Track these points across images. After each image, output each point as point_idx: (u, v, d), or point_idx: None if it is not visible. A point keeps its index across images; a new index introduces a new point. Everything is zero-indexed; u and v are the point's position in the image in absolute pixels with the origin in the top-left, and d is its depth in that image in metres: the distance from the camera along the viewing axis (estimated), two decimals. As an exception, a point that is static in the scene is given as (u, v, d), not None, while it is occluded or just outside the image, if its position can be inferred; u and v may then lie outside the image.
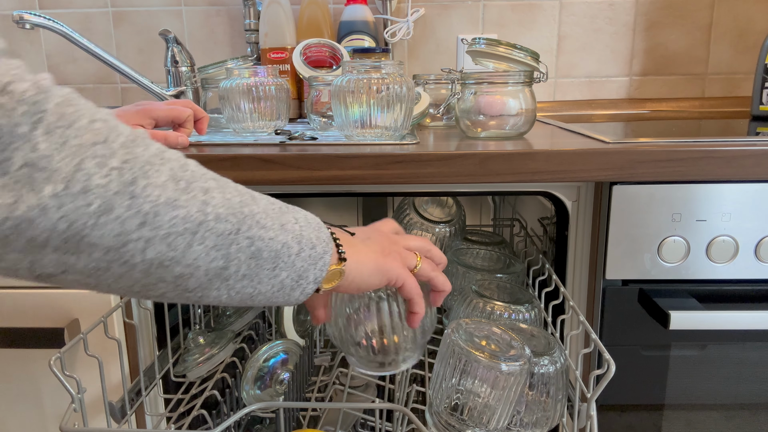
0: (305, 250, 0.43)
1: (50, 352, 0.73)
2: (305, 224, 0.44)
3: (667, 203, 0.69)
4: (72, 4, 1.28)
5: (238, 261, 0.39)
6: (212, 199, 0.37)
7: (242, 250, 0.39)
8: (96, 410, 0.76)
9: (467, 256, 0.96)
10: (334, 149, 0.70)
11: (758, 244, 0.70)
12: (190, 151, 0.71)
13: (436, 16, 1.26)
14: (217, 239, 0.37)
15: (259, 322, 1.07)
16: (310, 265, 0.44)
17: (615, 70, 1.29)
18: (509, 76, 0.79)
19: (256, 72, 0.85)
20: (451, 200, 1.02)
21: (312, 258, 0.44)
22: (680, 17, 1.25)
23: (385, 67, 0.76)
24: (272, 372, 0.87)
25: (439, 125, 1.01)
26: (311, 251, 0.43)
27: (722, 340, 0.74)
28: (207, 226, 0.37)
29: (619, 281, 0.74)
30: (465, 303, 0.75)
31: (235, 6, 1.27)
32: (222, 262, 0.38)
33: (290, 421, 0.75)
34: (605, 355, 0.53)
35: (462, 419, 0.57)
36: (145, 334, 0.80)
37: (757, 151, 0.66)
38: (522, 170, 0.67)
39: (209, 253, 0.37)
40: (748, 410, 0.77)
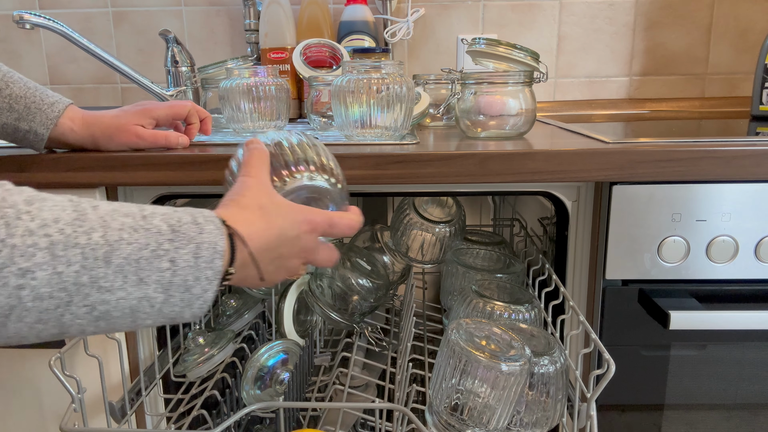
0: (175, 295, 0.40)
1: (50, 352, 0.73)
2: (185, 266, 0.40)
3: (667, 203, 0.69)
4: (72, 4, 1.28)
5: (79, 325, 0.37)
6: (31, 281, 0.34)
7: (81, 317, 0.37)
8: (96, 410, 0.76)
9: (467, 256, 0.96)
10: (334, 149, 0.70)
11: (758, 244, 0.70)
12: (194, 151, 0.71)
13: (436, 16, 1.26)
14: (40, 315, 0.35)
15: (259, 322, 1.07)
16: (185, 306, 0.41)
17: (615, 70, 1.29)
18: (509, 76, 0.79)
19: (256, 72, 0.85)
20: (451, 200, 1.02)
21: (186, 300, 0.41)
22: (680, 17, 1.25)
23: (385, 67, 0.76)
24: (272, 372, 0.87)
25: (439, 125, 1.01)
26: (184, 294, 0.40)
27: (722, 340, 0.74)
28: (22, 307, 0.35)
29: (619, 281, 0.74)
30: (465, 303, 0.75)
31: (235, 6, 1.27)
32: (56, 330, 0.37)
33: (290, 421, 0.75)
34: (605, 355, 0.53)
35: (462, 419, 0.57)
36: (145, 334, 0.80)
37: (757, 151, 0.66)
38: (522, 170, 0.67)
39: (33, 326, 0.36)
40: (748, 410, 0.77)
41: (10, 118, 0.66)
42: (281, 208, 0.48)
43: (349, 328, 0.98)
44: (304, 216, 0.49)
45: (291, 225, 0.48)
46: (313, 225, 0.50)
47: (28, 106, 0.66)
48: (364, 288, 0.95)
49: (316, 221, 0.50)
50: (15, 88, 0.66)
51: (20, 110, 0.66)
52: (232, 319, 1.02)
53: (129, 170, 0.69)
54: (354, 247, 1.02)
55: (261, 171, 0.50)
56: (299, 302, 1.01)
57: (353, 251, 0.99)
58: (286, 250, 0.48)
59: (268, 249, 0.47)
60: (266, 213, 0.47)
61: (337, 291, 0.94)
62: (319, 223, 0.50)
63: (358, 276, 0.94)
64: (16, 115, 0.66)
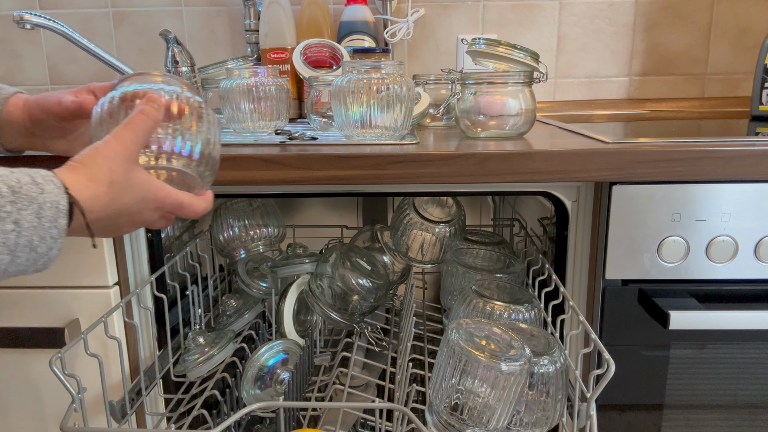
0: (21, 256, 0.42)
1: (50, 352, 0.73)
2: (29, 227, 0.42)
3: (666, 203, 0.70)
4: (72, 4, 1.28)
5: None
6: None
7: None
8: (96, 410, 0.76)
9: (467, 256, 0.96)
10: (334, 149, 0.70)
11: (758, 244, 0.70)
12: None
13: (436, 17, 1.26)
14: None
15: (259, 322, 1.07)
16: (30, 265, 0.43)
17: (615, 71, 1.29)
18: (509, 76, 0.79)
19: (257, 72, 0.85)
20: (451, 200, 1.02)
21: (32, 259, 0.43)
22: (680, 17, 1.25)
23: (385, 67, 0.76)
24: (272, 372, 0.87)
25: (439, 125, 1.01)
26: (30, 254, 0.42)
27: (722, 340, 0.74)
28: None
29: (618, 281, 0.74)
30: (465, 303, 0.75)
31: (236, 6, 1.27)
32: None
33: (290, 421, 0.75)
34: (605, 355, 0.53)
35: (462, 419, 0.57)
36: (145, 334, 0.80)
37: (757, 151, 0.66)
38: (522, 170, 0.68)
39: None
40: (748, 410, 0.77)
41: None
42: (133, 188, 0.49)
43: (349, 328, 0.99)
44: (154, 195, 0.51)
45: (137, 203, 0.50)
46: (161, 205, 0.52)
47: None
48: (364, 288, 0.95)
49: (165, 203, 0.52)
50: None
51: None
52: (232, 319, 1.02)
53: (129, 170, 0.69)
54: (354, 247, 1.02)
55: (135, 142, 0.49)
56: (299, 302, 1.01)
57: (353, 251, 0.99)
58: (125, 220, 0.50)
59: (105, 219, 0.48)
60: (115, 190, 0.48)
61: (337, 291, 0.94)
62: (167, 204, 0.52)
63: (358, 276, 0.94)
64: None
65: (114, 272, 0.76)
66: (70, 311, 0.75)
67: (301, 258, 1.02)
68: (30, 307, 0.75)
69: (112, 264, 0.75)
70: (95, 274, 0.74)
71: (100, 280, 0.74)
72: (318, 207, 1.36)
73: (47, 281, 0.74)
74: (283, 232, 1.09)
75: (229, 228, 1.03)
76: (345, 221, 1.34)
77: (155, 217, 0.53)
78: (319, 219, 1.36)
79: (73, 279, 0.74)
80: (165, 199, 0.52)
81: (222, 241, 1.04)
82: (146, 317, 0.80)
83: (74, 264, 0.73)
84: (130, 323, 0.78)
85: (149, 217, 0.52)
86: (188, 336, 0.88)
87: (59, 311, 0.75)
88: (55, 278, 0.74)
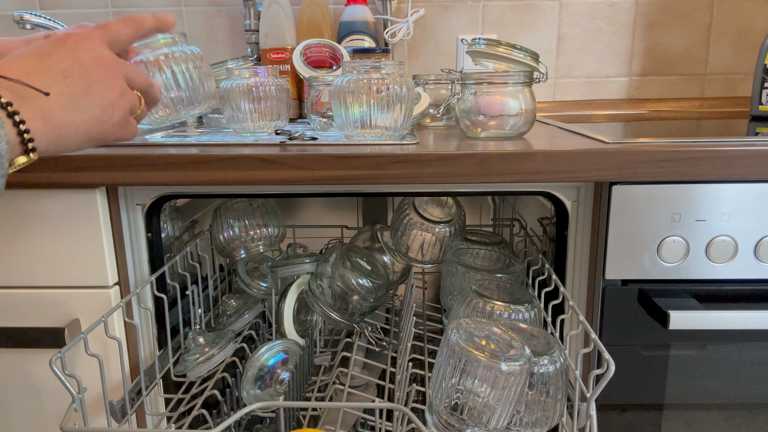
0: None
1: (50, 352, 0.73)
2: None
3: (666, 203, 0.70)
4: (72, 4, 1.28)
5: None
6: None
7: None
8: (96, 410, 0.77)
9: (467, 256, 0.96)
10: (334, 149, 0.70)
11: (757, 244, 0.70)
12: (194, 151, 0.71)
13: (436, 17, 1.27)
14: None
15: (259, 322, 1.07)
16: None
17: (614, 71, 1.29)
18: (509, 76, 0.79)
19: (257, 72, 0.85)
20: (451, 200, 1.02)
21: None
22: (680, 17, 1.25)
23: (385, 68, 0.76)
24: (272, 372, 0.87)
25: (439, 125, 1.01)
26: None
27: (722, 340, 0.75)
28: None
29: (618, 281, 0.74)
30: (465, 303, 0.75)
31: (236, 6, 1.27)
32: None
33: (290, 421, 0.75)
34: (605, 355, 0.53)
35: (462, 419, 0.57)
36: (145, 334, 0.80)
37: (757, 151, 0.66)
38: (522, 170, 0.68)
39: None
40: (748, 410, 0.77)
41: None
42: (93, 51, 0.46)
43: (349, 328, 0.99)
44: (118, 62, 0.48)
45: (94, 63, 0.46)
46: (127, 73, 0.50)
47: None
48: (364, 288, 0.95)
49: (133, 74, 0.50)
50: None
51: None
52: (232, 319, 1.03)
53: (129, 170, 0.69)
54: (354, 247, 1.02)
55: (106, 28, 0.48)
56: (299, 302, 1.01)
57: (353, 251, 0.99)
58: (77, 83, 0.46)
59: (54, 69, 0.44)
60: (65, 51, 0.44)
61: (337, 291, 0.94)
62: (136, 76, 0.51)
63: (358, 276, 0.94)
64: None
65: (114, 272, 0.76)
66: (70, 311, 0.75)
67: (301, 258, 1.02)
68: (30, 307, 0.75)
69: (112, 264, 0.75)
70: (95, 274, 0.74)
71: (100, 280, 0.74)
72: (318, 207, 1.36)
73: (47, 281, 0.74)
74: (283, 232, 1.09)
75: (229, 228, 1.03)
76: (345, 221, 1.34)
77: (117, 93, 0.48)
78: (319, 219, 1.36)
79: (73, 279, 0.74)
80: (133, 69, 0.49)
81: (222, 241, 1.04)
82: (146, 317, 0.80)
83: (74, 264, 0.73)
84: (130, 323, 0.78)
85: (112, 89, 0.47)
86: (188, 336, 0.88)
87: (59, 311, 0.75)
88: (55, 278, 0.74)
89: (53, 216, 0.72)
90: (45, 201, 0.71)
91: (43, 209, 0.72)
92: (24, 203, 0.72)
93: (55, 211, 0.72)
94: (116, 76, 0.48)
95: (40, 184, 0.70)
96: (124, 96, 0.49)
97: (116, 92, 0.48)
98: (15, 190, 0.71)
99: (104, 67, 0.47)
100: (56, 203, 0.71)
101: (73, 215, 0.72)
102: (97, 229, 0.72)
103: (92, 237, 0.73)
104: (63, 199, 0.71)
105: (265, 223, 1.05)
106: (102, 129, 0.47)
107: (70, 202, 0.71)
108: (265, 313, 1.09)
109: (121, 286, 0.77)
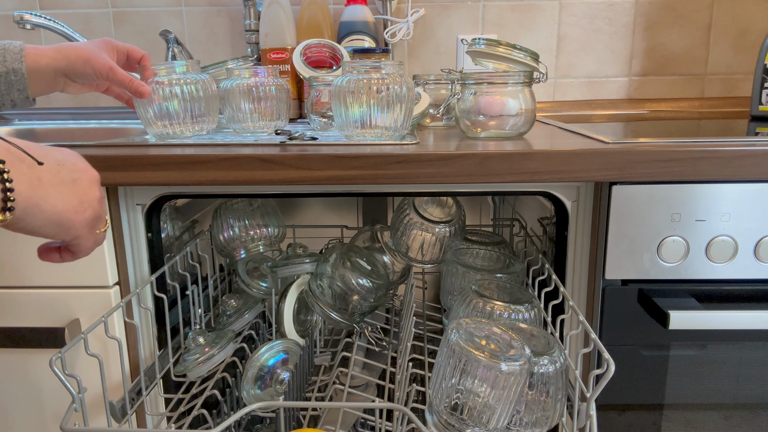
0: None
1: (50, 352, 0.73)
2: None
3: (666, 203, 0.70)
4: (72, 4, 1.28)
5: None
6: None
7: None
8: (96, 410, 0.77)
9: (467, 256, 0.96)
10: (334, 149, 0.70)
11: (757, 244, 0.70)
12: (194, 151, 0.71)
13: (436, 17, 1.27)
14: None
15: (259, 322, 1.07)
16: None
17: (614, 71, 1.29)
18: (509, 76, 0.79)
19: (257, 72, 0.85)
20: (451, 200, 1.02)
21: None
22: (680, 17, 1.25)
23: (385, 68, 0.76)
24: (272, 372, 0.87)
25: (439, 125, 1.01)
26: None
27: (721, 340, 0.75)
28: None
29: (618, 281, 0.74)
30: (465, 303, 0.75)
31: (236, 6, 1.27)
32: None
33: (290, 421, 0.75)
34: (605, 355, 0.53)
35: (462, 419, 0.57)
36: (145, 334, 0.80)
37: (757, 151, 0.66)
38: (521, 170, 0.68)
39: None
40: (748, 410, 0.77)
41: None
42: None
43: (349, 327, 0.99)
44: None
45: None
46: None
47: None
48: (364, 288, 0.95)
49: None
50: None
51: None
52: (232, 319, 1.03)
53: (129, 170, 0.69)
54: (354, 247, 1.02)
55: None
56: (299, 302, 1.01)
57: (353, 251, 0.99)
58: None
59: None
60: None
61: (337, 291, 0.94)
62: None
63: (358, 276, 0.94)
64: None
65: (114, 272, 0.76)
66: (70, 311, 0.75)
67: (301, 258, 1.02)
68: (30, 307, 0.75)
69: (113, 264, 0.75)
70: (95, 274, 0.74)
71: (100, 280, 0.74)
72: (318, 207, 1.36)
73: (47, 281, 0.74)
74: (283, 232, 1.09)
75: (229, 228, 1.03)
76: (345, 221, 1.34)
77: (95, 196, 0.50)
78: (319, 219, 1.36)
79: (73, 279, 0.74)
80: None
81: (222, 241, 1.04)
82: (146, 317, 0.80)
83: (74, 264, 0.73)
84: (130, 323, 0.78)
85: (93, 191, 0.50)
86: (188, 336, 0.88)
87: (59, 311, 0.75)
88: (55, 278, 0.74)
89: (53, 216, 0.72)
90: (45, 201, 0.71)
91: (43, 209, 0.72)
92: (24, 203, 0.71)
93: (55, 211, 0.72)
94: (98, 187, 0.51)
95: (40, 184, 0.69)
96: (100, 203, 0.52)
97: (95, 195, 0.51)
98: (15, 190, 0.71)
99: (90, 175, 0.51)
100: (56, 203, 0.71)
101: (73, 215, 0.72)
102: (97, 229, 0.72)
103: (92, 237, 0.73)
104: (63, 199, 0.71)
105: (265, 223, 1.05)
106: (72, 219, 0.48)
107: (70, 202, 0.71)
108: (265, 313, 1.09)
109: (121, 286, 0.77)
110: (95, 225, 0.51)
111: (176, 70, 0.82)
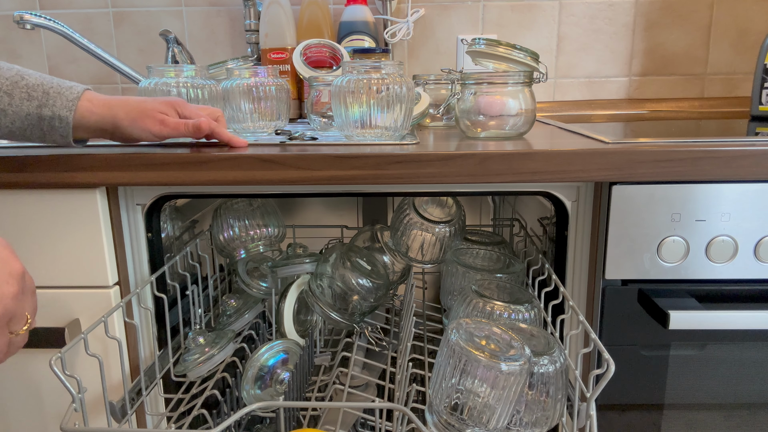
0: None
1: (50, 352, 0.73)
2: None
3: (666, 203, 0.70)
4: (72, 4, 1.28)
5: None
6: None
7: None
8: (96, 410, 0.77)
9: (467, 256, 0.96)
10: (334, 149, 0.70)
11: (757, 244, 0.70)
12: (194, 151, 0.71)
13: (436, 17, 1.27)
14: None
15: (260, 322, 1.07)
16: None
17: (614, 71, 1.29)
18: (509, 76, 0.79)
19: (257, 72, 0.85)
20: (451, 200, 1.02)
21: None
22: (680, 17, 1.25)
23: (385, 68, 0.76)
24: (272, 372, 0.87)
25: (439, 125, 1.01)
26: None
27: (721, 340, 0.75)
28: None
29: (618, 281, 0.74)
30: (465, 303, 0.75)
31: (236, 6, 1.27)
32: None
33: (290, 421, 0.75)
34: (605, 355, 0.53)
35: (462, 419, 0.57)
36: (145, 334, 0.80)
37: (757, 151, 0.66)
38: (521, 170, 0.68)
39: None
40: (748, 410, 0.77)
41: (31, 107, 0.66)
42: None
43: (349, 327, 0.99)
44: None
45: None
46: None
47: (46, 92, 0.66)
48: (364, 288, 0.95)
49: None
50: (30, 79, 0.67)
51: (39, 97, 0.66)
52: (232, 318, 1.03)
53: (129, 170, 0.69)
54: (354, 247, 1.02)
55: None
56: (299, 302, 1.01)
57: (353, 251, 0.99)
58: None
59: None
60: None
61: (337, 291, 0.94)
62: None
63: (358, 276, 0.94)
64: (37, 103, 0.66)
65: (114, 272, 0.76)
66: (70, 311, 0.75)
67: (301, 258, 1.02)
68: (30, 307, 0.75)
69: (113, 264, 0.75)
70: (95, 274, 0.74)
71: (100, 280, 0.74)
72: (318, 207, 1.36)
73: (47, 281, 0.74)
74: (283, 232, 1.09)
75: (229, 228, 1.03)
76: (345, 221, 1.35)
77: (15, 290, 0.47)
78: (319, 219, 1.36)
79: (73, 279, 0.74)
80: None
81: (222, 241, 1.04)
82: (146, 317, 0.80)
83: (74, 264, 0.73)
84: (130, 323, 0.78)
85: (10, 285, 0.47)
86: (188, 336, 0.88)
87: (59, 311, 0.75)
88: (55, 278, 0.74)
89: (53, 216, 0.72)
90: (45, 201, 0.71)
91: (43, 209, 0.72)
92: (24, 203, 0.72)
93: (55, 211, 0.72)
94: (16, 282, 0.47)
95: (41, 184, 0.70)
96: (15, 300, 0.48)
97: (9, 291, 0.47)
98: (15, 191, 0.71)
99: (10, 268, 0.47)
100: (56, 203, 0.71)
101: (73, 215, 0.72)
102: (97, 229, 0.73)
103: (92, 237, 0.73)
104: (63, 199, 0.71)
105: (265, 223, 1.05)
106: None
107: (70, 202, 0.72)
108: (265, 313, 1.09)
109: (121, 286, 0.77)
110: (7, 324, 0.47)
111: (184, 74, 0.83)
